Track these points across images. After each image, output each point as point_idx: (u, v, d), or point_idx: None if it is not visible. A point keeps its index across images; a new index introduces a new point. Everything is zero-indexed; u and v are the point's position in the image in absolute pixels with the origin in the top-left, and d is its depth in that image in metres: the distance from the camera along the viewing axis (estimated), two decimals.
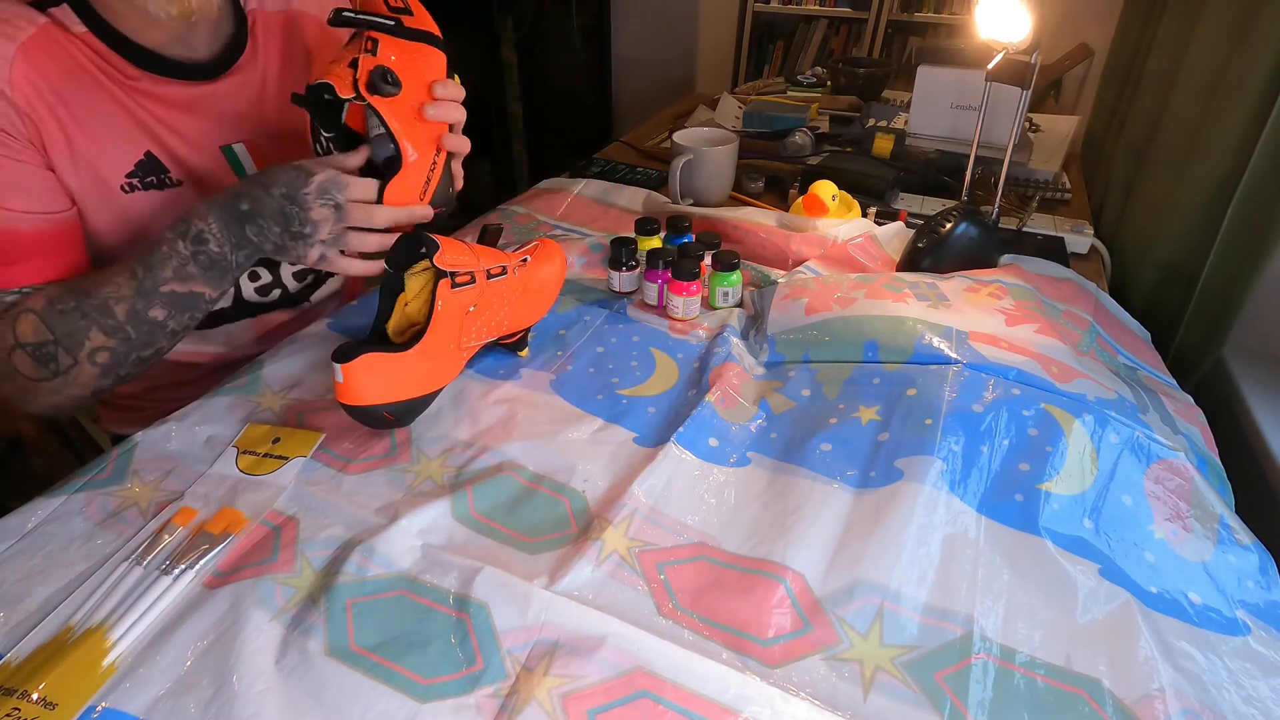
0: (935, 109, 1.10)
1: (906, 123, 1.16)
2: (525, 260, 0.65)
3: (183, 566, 0.48)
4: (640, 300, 0.78)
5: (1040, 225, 0.96)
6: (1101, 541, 0.50)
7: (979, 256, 0.81)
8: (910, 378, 0.61)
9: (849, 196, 0.95)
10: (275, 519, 0.53)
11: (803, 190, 0.95)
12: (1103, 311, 0.77)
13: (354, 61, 0.56)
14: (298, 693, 0.41)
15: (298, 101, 0.60)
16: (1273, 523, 0.56)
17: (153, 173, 0.66)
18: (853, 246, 0.85)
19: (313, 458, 0.58)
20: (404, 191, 0.60)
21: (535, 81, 2.76)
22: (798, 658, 0.44)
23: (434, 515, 0.53)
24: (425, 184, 0.61)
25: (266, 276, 0.77)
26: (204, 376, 0.77)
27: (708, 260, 0.80)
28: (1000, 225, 0.91)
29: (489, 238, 0.66)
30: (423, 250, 0.57)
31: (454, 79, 0.62)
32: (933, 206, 1.01)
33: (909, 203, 1.02)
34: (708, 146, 1.00)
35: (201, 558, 0.49)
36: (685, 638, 0.45)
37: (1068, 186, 1.09)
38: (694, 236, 0.83)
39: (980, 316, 0.68)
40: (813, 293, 0.73)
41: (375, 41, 0.57)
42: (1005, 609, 0.47)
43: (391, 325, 0.61)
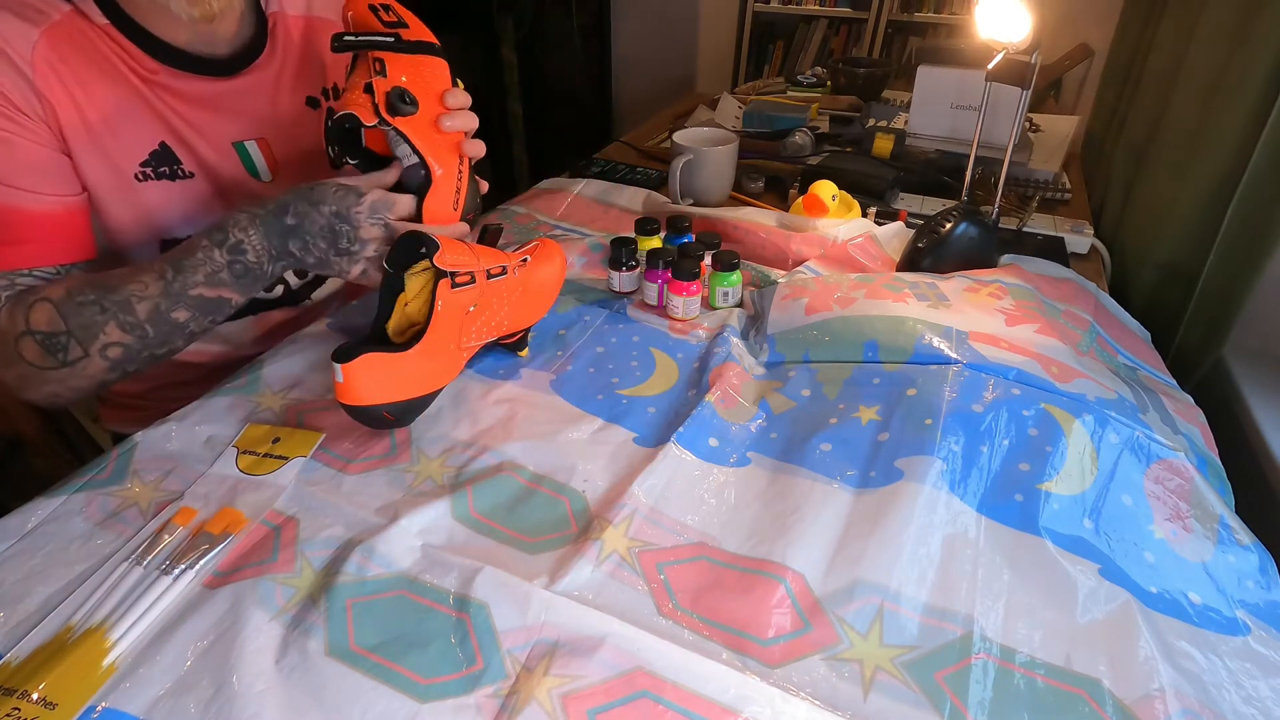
0: (935, 109, 1.10)
1: (906, 123, 1.16)
2: (525, 260, 0.65)
3: (183, 566, 0.48)
4: (640, 300, 0.78)
5: (1040, 225, 0.96)
6: (1101, 541, 0.50)
7: (979, 256, 0.81)
8: (910, 378, 0.61)
9: (849, 196, 0.95)
10: (275, 519, 0.53)
11: (803, 190, 0.95)
12: (1103, 311, 0.77)
13: (368, 86, 0.57)
14: (298, 693, 0.41)
15: (328, 135, 0.60)
16: (1273, 523, 0.56)
17: (166, 163, 0.67)
18: (853, 246, 0.85)
19: (313, 458, 0.58)
20: (439, 205, 0.62)
21: (535, 81, 2.76)
22: (798, 658, 0.44)
23: (434, 515, 0.53)
24: (456, 194, 0.62)
25: None
26: (204, 376, 0.77)
27: (708, 260, 0.79)
28: (1000, 225, 0.91)
29: (489, 238, 0.66)
30: (423, 250, 0.57)
31: (458, 84, 0.62)
32: (933, 206, 1.01)
33: (909, 203, 1.02)
34: (708, 146, 1.00)
35: (201, 558, 0.49)
36: (685, 638, 0.45)
37: (1068, 186, 1.09)
38: (694, 236, 0.83)
39: (980, 316, 0.68)
40: (813, 293, 0.73)
41: (382, 62, 0.57)
42: (1005, 609, 0.47)
43: (391, 325, 0.60)
